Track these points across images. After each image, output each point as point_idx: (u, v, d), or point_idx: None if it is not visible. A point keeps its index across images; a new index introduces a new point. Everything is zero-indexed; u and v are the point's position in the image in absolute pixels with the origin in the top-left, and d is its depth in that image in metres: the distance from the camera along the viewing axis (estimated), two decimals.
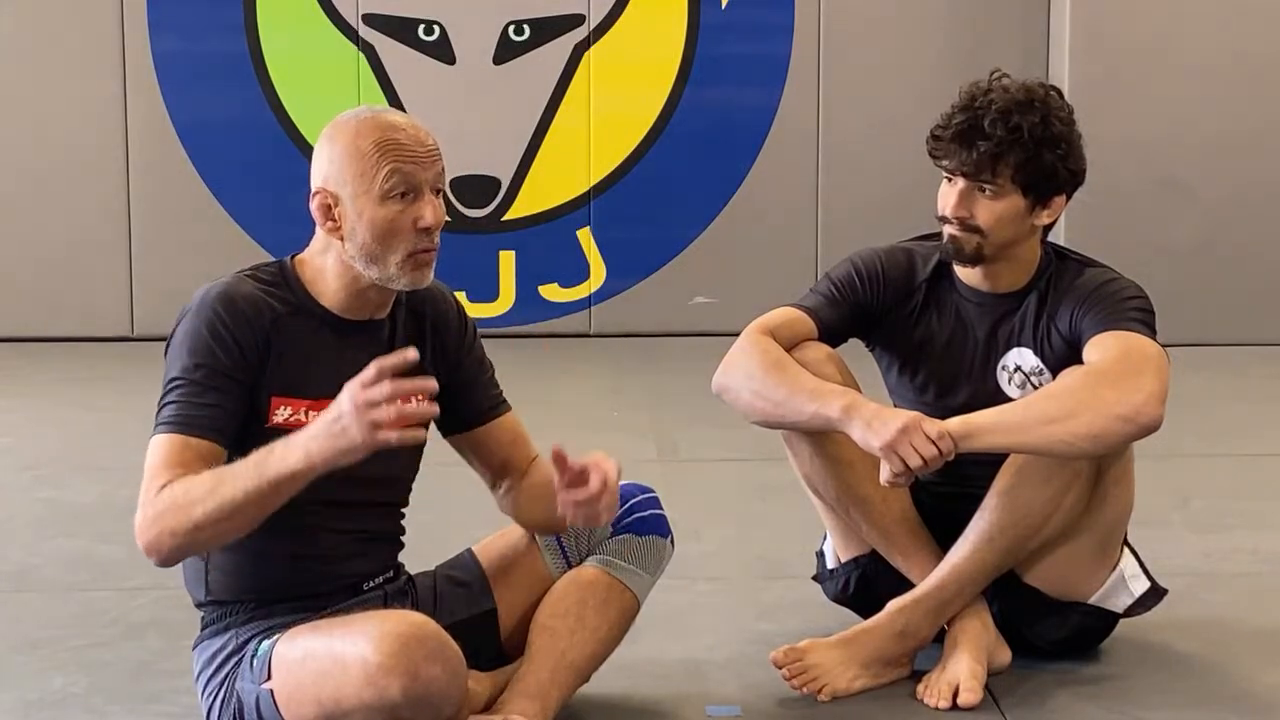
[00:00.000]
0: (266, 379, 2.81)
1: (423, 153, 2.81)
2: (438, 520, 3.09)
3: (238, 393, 2.78)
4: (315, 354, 2.85)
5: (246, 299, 2.83)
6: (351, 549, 2.93)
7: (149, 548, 2.71)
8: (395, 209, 2.79)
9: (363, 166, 2.79)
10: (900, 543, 3.36)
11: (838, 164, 7.54)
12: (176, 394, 2.78)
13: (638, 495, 3.13)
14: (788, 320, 3.35)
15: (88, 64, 7.36)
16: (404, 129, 2.82)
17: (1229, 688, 3.32)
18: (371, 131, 2.81)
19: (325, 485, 2.84)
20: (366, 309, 2.89)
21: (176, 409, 2.77)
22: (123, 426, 5.81)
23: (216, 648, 2.88)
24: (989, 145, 3.23)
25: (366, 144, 2.79)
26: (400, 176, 2.79)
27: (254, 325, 2.80)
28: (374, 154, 2.79)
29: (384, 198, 2.79)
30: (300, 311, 2.86)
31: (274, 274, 2.90)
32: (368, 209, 2.79)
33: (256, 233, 7.39)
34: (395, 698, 2.61)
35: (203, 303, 2.82)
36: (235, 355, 2.78)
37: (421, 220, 2.80)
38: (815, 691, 3.20)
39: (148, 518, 2.69)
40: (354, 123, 2.83)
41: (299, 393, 2.83)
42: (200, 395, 2.76)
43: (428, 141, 2.84)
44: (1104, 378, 3.13)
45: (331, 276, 2.87)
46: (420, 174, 2.81)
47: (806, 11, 7.48)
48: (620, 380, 6.72)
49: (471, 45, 7.46)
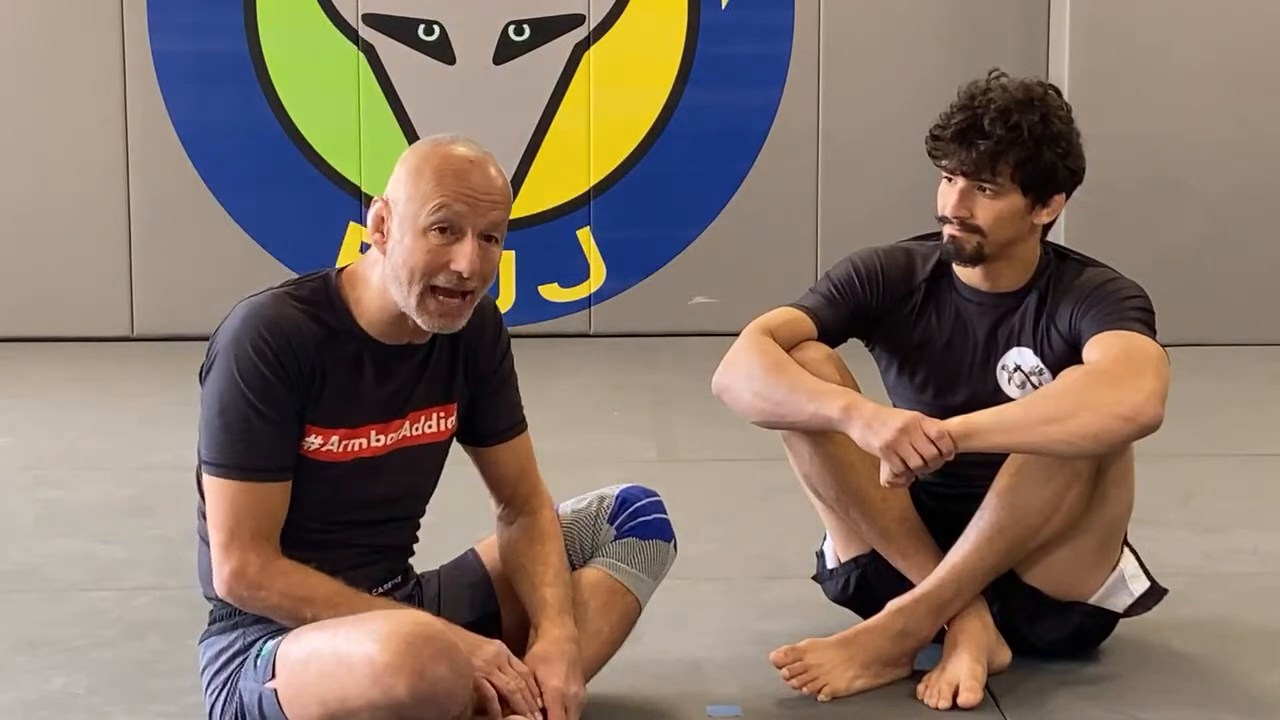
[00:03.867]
0: (306, 408, 2.80)
1: (482, 196, 2.75)
2: (440, 520, 3.09)
3: (294, 422, 2.78)
4: (351, 383, 2.83)
5: (290, 324, 2.77)
6: (362, 559, 2.93)
7: (238, 601, 2.81)
8: (433, 243, 2.74)
9: (416, 191, 2.75)
10: (900, 543, 3.35)
11: (838, 164, 7.54)
12: (235, 430, 2.75)
13: (642, 499, 3.13)
14: (787, 320, 3.35)
15: (88, 64, 7.36)
16: (472, 163, 2.76)
17: (1229, 688, 3.32)
18: (439, 159, 2.76)
19: (343, 507, 2.86)
20: (404, 333, 2.86)
21: (238, 450, 2.75)
22: (123, 426, 5.82)
23: (223, 645, 2.88)
24: (989, 144, 3.23)
25: (428, 169, 2.75)
26: (447, 213, 2.74)
27: (299, 354, 2.76)
28: (431, 181, 2.74)
29: (426, 229, 2.74)
30: (339, 335, 2.82)
31: (316, 290, 2.84)
32: (408, 235, 2.75)
33: (256, 233, 7.39)
34: (402, 697, 2.61)
35: (246, 325, 2.76)
36: (287, 384, 2.76)
37: (454, 264, 2.74)
38: (815, 691, 3.20)
39: (250, 579, 2.76)
40: (430, 145, 2.79)
41: (331, 423, 2.82)
42: (263, 433, 2.75)
43: (493, 185, 2.77)
44: (1104, 377, 3.12)
45: (375, 294, 2.82)
46: (470, 217, 2.75)
47: (806, 11, 7.48)
48: (620, 380, 6.72)
49: (471, 45, 7.46)
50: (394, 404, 2.87)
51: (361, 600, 2.79)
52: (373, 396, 2.84)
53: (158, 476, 5.03)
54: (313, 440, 2.81)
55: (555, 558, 2.99)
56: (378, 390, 2.84)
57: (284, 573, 2.78)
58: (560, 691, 2.82)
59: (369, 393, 2.84)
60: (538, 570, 2.97)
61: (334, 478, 2.84)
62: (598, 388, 6.58)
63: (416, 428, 2.91)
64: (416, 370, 2.89)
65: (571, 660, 2.87)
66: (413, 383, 2.89)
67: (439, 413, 2.94)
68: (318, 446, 2.81)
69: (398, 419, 2.88)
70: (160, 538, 4.35)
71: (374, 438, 2.86)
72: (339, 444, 2.82)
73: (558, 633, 2.89)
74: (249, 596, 2.78)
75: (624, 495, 3.13)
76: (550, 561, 2.98)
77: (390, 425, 2.87)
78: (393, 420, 2.87)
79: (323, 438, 2.81)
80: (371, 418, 2.85)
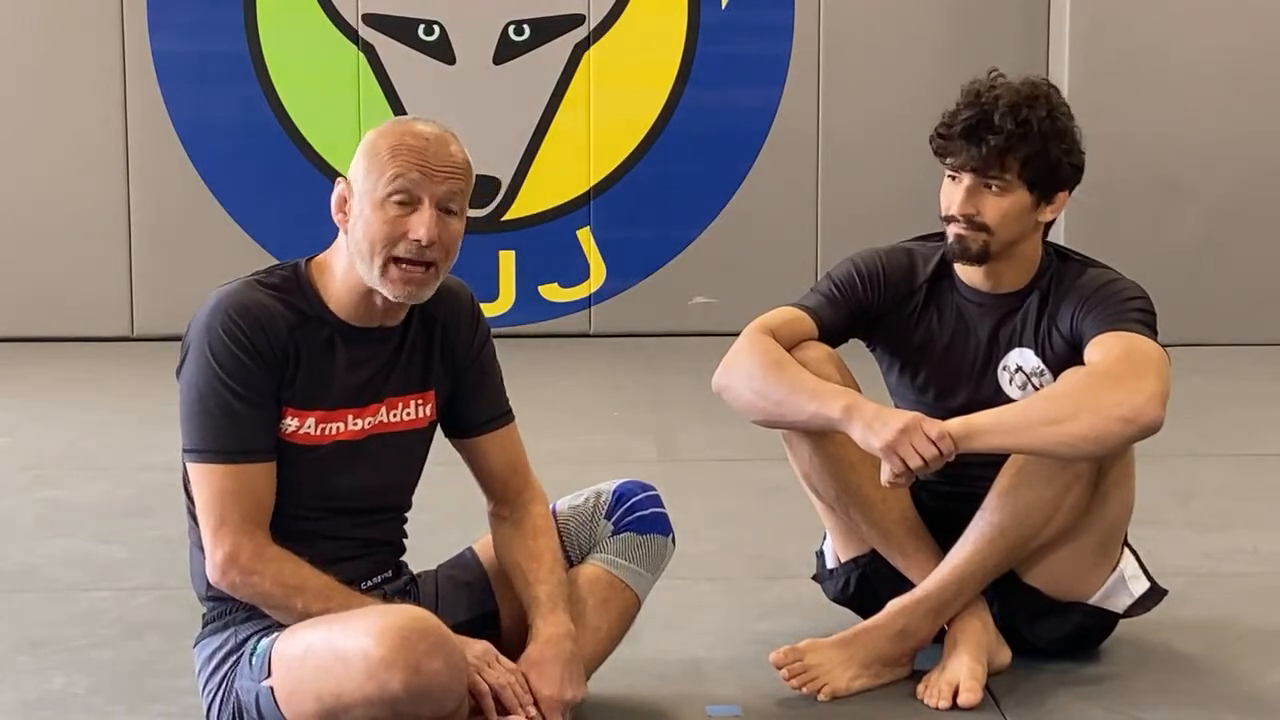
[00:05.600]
0: (281, 390, 2.81)
1: (438, 166, 2.78)
2: (437, 520, 3.09)
3: (272, 403, 2.80)
4: (325, 366, 2.84)
5: (260, 308, 2.80)
6: (349, 552, 2.93)
7: (230, 587, 2.81)
8: (391, 214, 2.77)
9: (373, 165, 2.79)
10: (900, 543, 3.35)
11: (838, 164, 7.54)
12: (215, 414, 2.77)
13: (639, 494, 3.13)
14: (788, 320, 3.35)
15: (88, 64, 7.36)
16: (428, 139, 2.79)
17: (1229, 688, 3.32)
18: (393, 134, 2.80)
19: (327, 494, 2.86)
20: (375, 316, 2.88)
21: (220, 433, 2.77)
22: (123, 426, 5.82)
23: (216, 645, 2.89)
24: (998, 139, 3.22)
25: (384, 144, 2.79)
26: (403, 181, 2.77)
27: (271, 336, 2.79)
28: (386, 155, 2.78)
29: (383, 200, 2.78)
30: (311, 320, 2.84)
31: (286, 278, 2.87)
32: (367, 207, 2.79)
33: (256, 232, 7.39)
34: (397, 692, 2.61)
35: (216, 311, 2.79)
36: (261, 365, 2.78)
37: (412, 232, 2.77)
38: (815, 691, 3.20)
39: (243, 564, 2.76)
40: (390, 124, 2.84)
41: (306, 404, 2.83)
42: (241, 414, 2.77)
43: (450, 158, 2.80)
44: (1105, 379, 3.12)
45: (341, 275, 2.85)
46: (427, 185, 2.77)
47: (806, 11, 7.48)
48: (620, 380, 6.72)
49: (471, 45, 7.46)
50: (369, 388, 2.89)
51: (354, 596, 2.79)
52: (346, 379, 2.85)
53: (158, 476, 5.03)
54: (290, 423, 2.82)
55: (549, 553, 2.99)
56: (351, 374, 2.86)
57: (277, 559, 2.78)
58: (553, 699, 2.82)
59: (342, 376, 2.85)
60: (531, 566, 2.97)
61: (314, 462, 2.85)
62: (598, 388, 6.58)
63: (395, 414, 2.92)
64: (391, 355, 2.90)
65: (566, 659, 2.86)
66: (388, 368, 2.90)
67: (416, 400, 2.95)
68: (295, 429, 2.82)
69: (374, 403, 2.89)
70: (160, 538, 4.35)
71: (351, 421, 2.87)
72: (315, 426, 2.84)
73: (551, 631, 2.88)
74: (241, 582, 2.78)
75: (621, 490, 3.13)
76: (544, 557, 2.97)
77: (366, 410, 2.88)
78: (369, 405, 2.89)
79: (299, 420, 2.82)
80: (347, 401, 2.86)
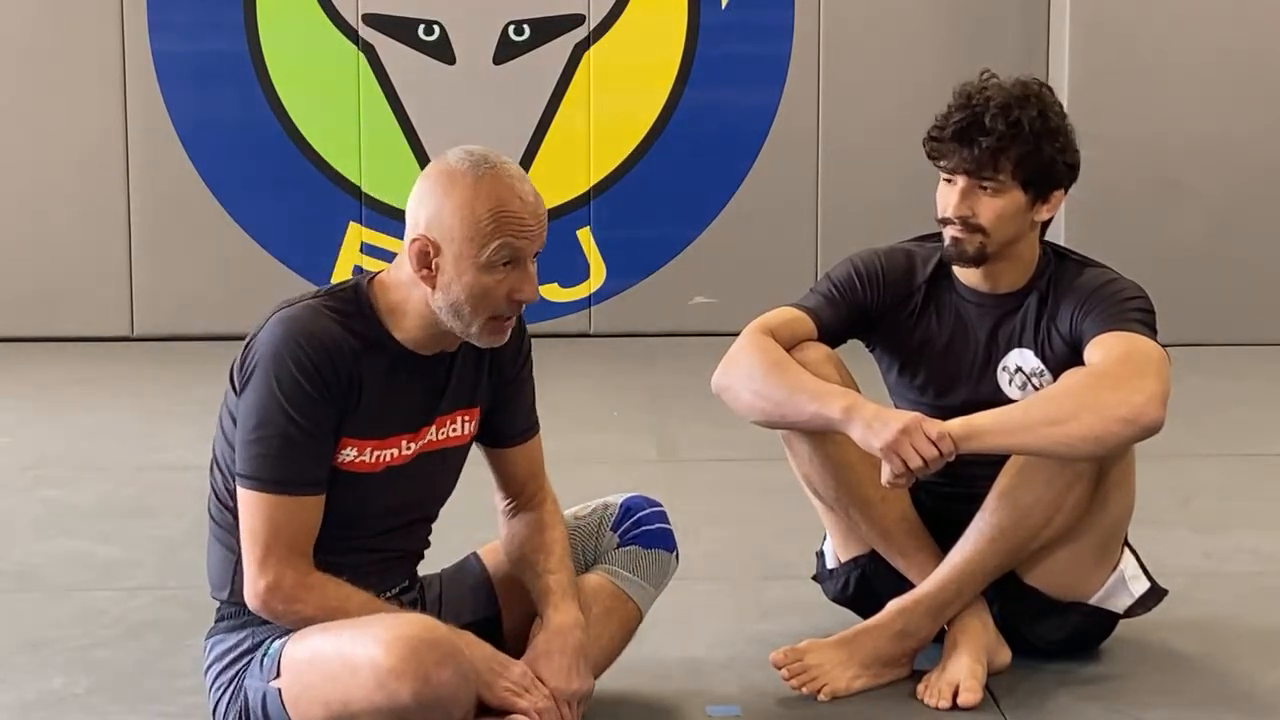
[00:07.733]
0: (343, 421, 2.80)
1: (534, 225, 2.78)
2: (442, 523, 3.09)
3: (330, 436, 2.79)
4: (386, 393, 2.83)
5: (329, 336, 2.77)
6: (376, 565, 2.93)
7: (272, 615, 2.79)
8: (497, 278, 2.76)
9: (475, 232, 2.75)
10: (900, 543, 3.36)
11: (838, 164, 7.54)
12: (275, 444, 2.74)
13: (646, 509, 3.14)
14: (787, 320, 3.35)
15: (88, 64, 7.36)
16: (522, 200, 2.76)
17: (1229, 688, 3.32)
18: (490, 198, 2.74)
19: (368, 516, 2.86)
20: (439, 345, 2.87)
21: (276, 465, 2.75)
22: (123, 426, 5.81)
23: (231, 643, 2.88)
24: (990, 140, 3.23)
25: (483, 210, 2.74)
26: (510, 250, 2.76)
27: (339, 366, 2.76)
28: (489, 223, 2.74)
29: (490, 267, 2.76)
30: (373, 346, 2.82)
31: (349, 300, 2.83)
32: (469, 273, 2.76)
33: (256, 233, 7.38)
34: (406, 701, 2.61)
35: (286, 340, 2.75)
36: (328, 398, 2.76)
37: (519, 294, 2.78)
38: (815, 691, 3.20)
39: (286, 593, 2.75)
40: (472, 180, 2.75)
41: (365, 434, 2.82)
42: (300, 447, 2.75)
43: (540, 212, 2.80)
44: (1105, 379, 3.12)
45: (413, 314, 2.83)
46: (529, 247, 2.78)
47: (806, 11, 7.47)
48: (620, 380, 6.72)
49: (471, 45, 7.45)
50: (423, 412, 2.88)
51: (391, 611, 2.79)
52: (405, 406, 2.85)
53: (158, 476, 5.03)
54: (348, 453, 2.81)
55: (558, 546, 2.99)
56: (409, 399, 2.86)
57: (319, 585, 2.77)
58: (559, 692, 2.82)
59: (401, 402, 2.85)
60: (539, 559, 2.97)
61: (363, 488, 2.84)
62: (598, 388, 6.58)
63: (442, 432, 2.92)
64: (444, 376, 2.90)
65: (574, 650, 2.87)
66: (440, 388, 2.90)
67: (463, 416, 2.95)
68: (352, 459, 2.82)
69: (425, 426, 2.89)
70: (160, 538, 4.35)
71: (404, 446, 2.87)
72: (371, 454, 2.83)
73: (561, 620, 2.89)
74: (284, 610, 2.77)
75: (628, 504, 3.14)
76: (553, 550, 2.98)
77: (419, 433, 2.88)
78: (421, 428, 2.88)
79: (357, 449, 2.82)
80: (403, 427, 2.86)
